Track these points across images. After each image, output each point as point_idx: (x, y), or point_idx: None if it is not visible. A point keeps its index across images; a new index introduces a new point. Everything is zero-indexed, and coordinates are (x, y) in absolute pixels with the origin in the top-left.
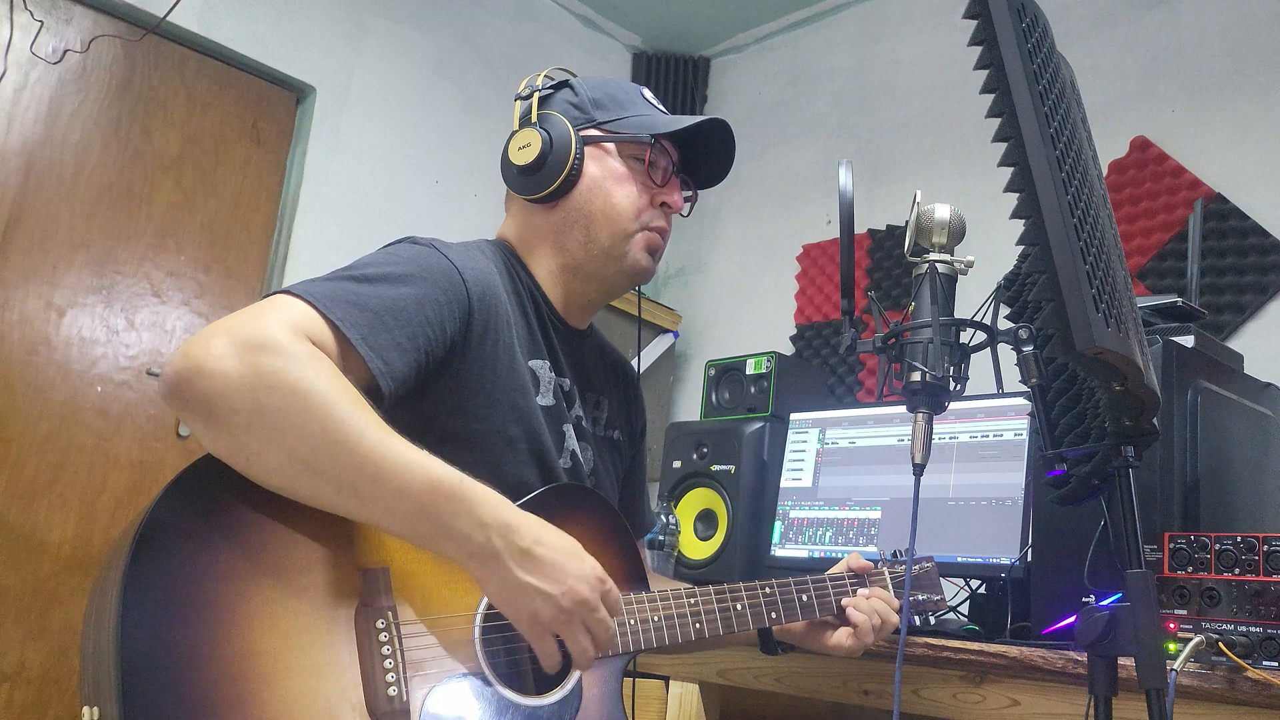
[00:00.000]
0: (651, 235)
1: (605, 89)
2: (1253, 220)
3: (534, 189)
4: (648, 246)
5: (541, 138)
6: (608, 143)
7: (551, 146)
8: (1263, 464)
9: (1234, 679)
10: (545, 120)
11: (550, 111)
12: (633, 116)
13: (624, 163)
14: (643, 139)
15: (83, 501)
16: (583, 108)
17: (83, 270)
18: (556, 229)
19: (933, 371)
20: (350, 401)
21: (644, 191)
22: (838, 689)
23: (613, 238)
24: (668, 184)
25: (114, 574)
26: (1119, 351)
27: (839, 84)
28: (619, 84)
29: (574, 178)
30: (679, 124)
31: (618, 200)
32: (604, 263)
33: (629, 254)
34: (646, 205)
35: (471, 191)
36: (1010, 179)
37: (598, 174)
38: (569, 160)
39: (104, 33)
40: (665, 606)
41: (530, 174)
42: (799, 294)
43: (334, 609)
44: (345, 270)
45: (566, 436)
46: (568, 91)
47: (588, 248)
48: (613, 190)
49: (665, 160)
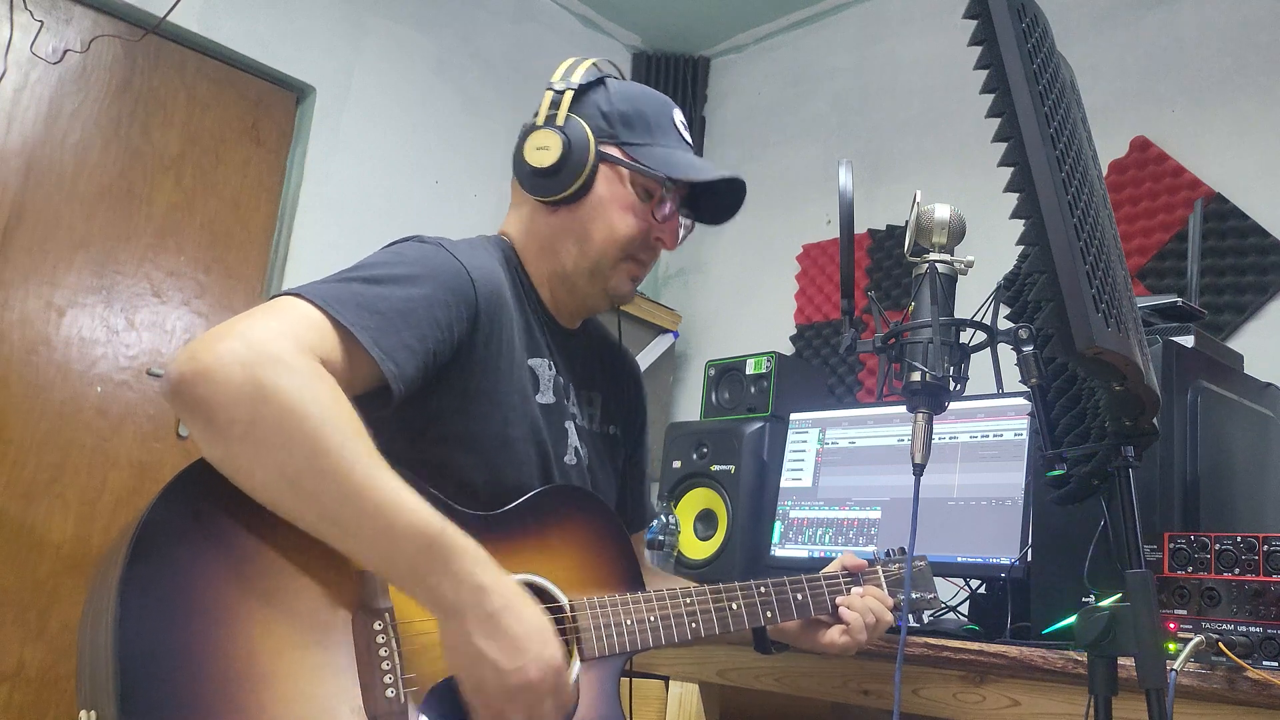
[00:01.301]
0: (634, 265)
1: (638, 105)
2: (1253, 220)
3: (542, 191)
4: (630, 275)
5: (561, 143)
6: (624, 168)
7: (569, 156)
8: (1263, 464)
9: (1234, 679)
10: (570, 125)
11: (577, 116)
12: (657, 147)
13: (633, 191)
14: (658, 178)
15: (82, 501)
16: (610, 120)
17: (83, 270)
18: (553, 233)
19: (933, 371)
20: (347, 429)
21: (643, 223)
22: (838, 689)
23: (600, 260)
24: (667, 221)
25: (111, 576)
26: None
27: (839, 84)
28: (653, 100)
29: (583, 192)
30: (698, 174)
31: (618, 227)
32: (587, 280)
33: (611, 279)
34: (641, 237)
35: (471, 191)
36: (1010, 179)
37: (606, 195)
38: (583, 174)
39: (104, 33)
40: (661, 606)
41: (541, 177)
42: (799, 294)
43: (332, 611)
44: (353, 271)
45: (568, 434)
46: (601, 95)
47: (577, 261)
48: (615, 216)
49: (673, 201)
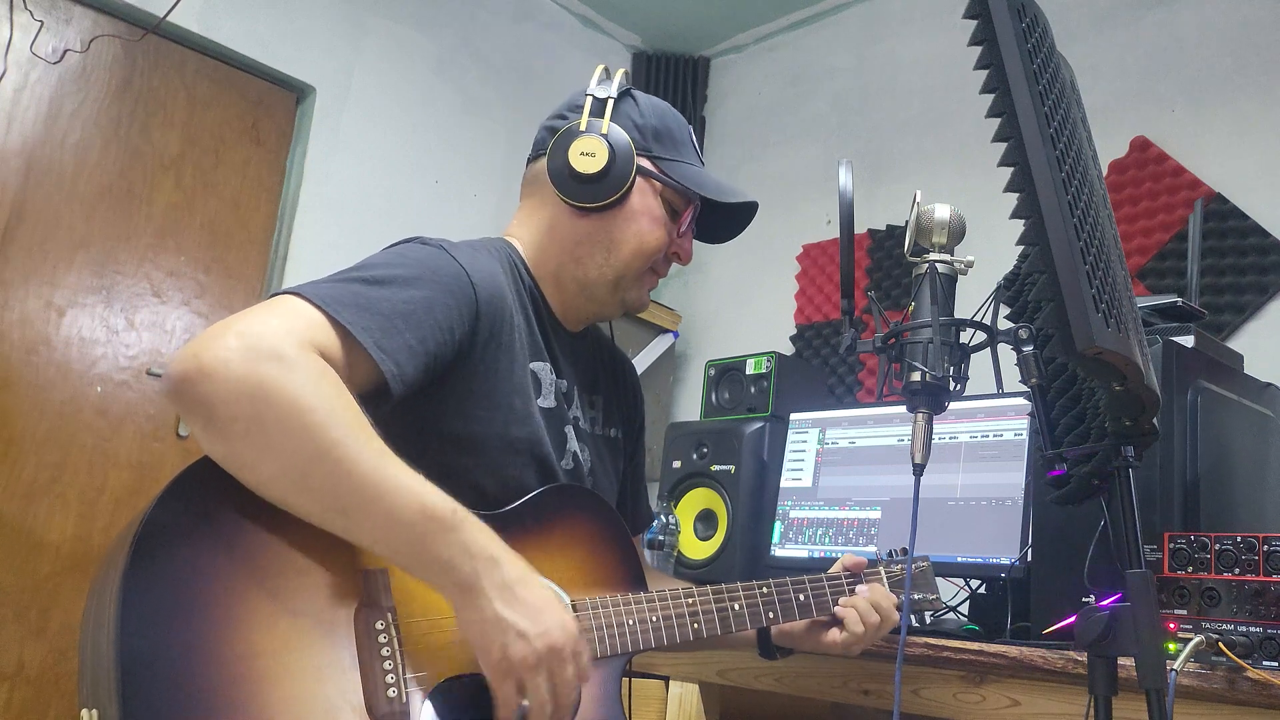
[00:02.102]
0: (653, 277)
1: (664, 121)
2: (1253, 220)
3: (583, 197)
4: (649, 287)
5: (608, 153)
6: (658, 181)
7: (615, 164)
8: (1263, 464)
9: (1234, 679)
10: (613, 134)
11: (618, 126)
12: (684, 164)
13: (663, 204)
14: (691, 195)
15: (82, 501)
16: (644, 133)
17: (83, 270)
18: (581, 239)
19: (933, 371)
20: (350, 420)
21: (667, 236)
22: (838, 689)
23: (626, 269)
24: (684, 234)
25: (113, 576)
26: (1119, 351)
27: (839, 84)
28: (675, 118)
29: (620, 201)
30: (727, 196)
31: (648, 239)
32: (609, 289)
33: (632, 289)
34: (664, 250)
35: (471, 191)
36: (1010, 179)
37: (639, 207)
38: (626, 184)
39: (104, 33)
40: (664, 607)
41: (584, 183)
42: (799, 294)
43: (334, 610)
44: (353, 271)
45: (568, 438)
46: (631, 107)
47: (602, 270)
48: (647, 228)
49: (693, 218)
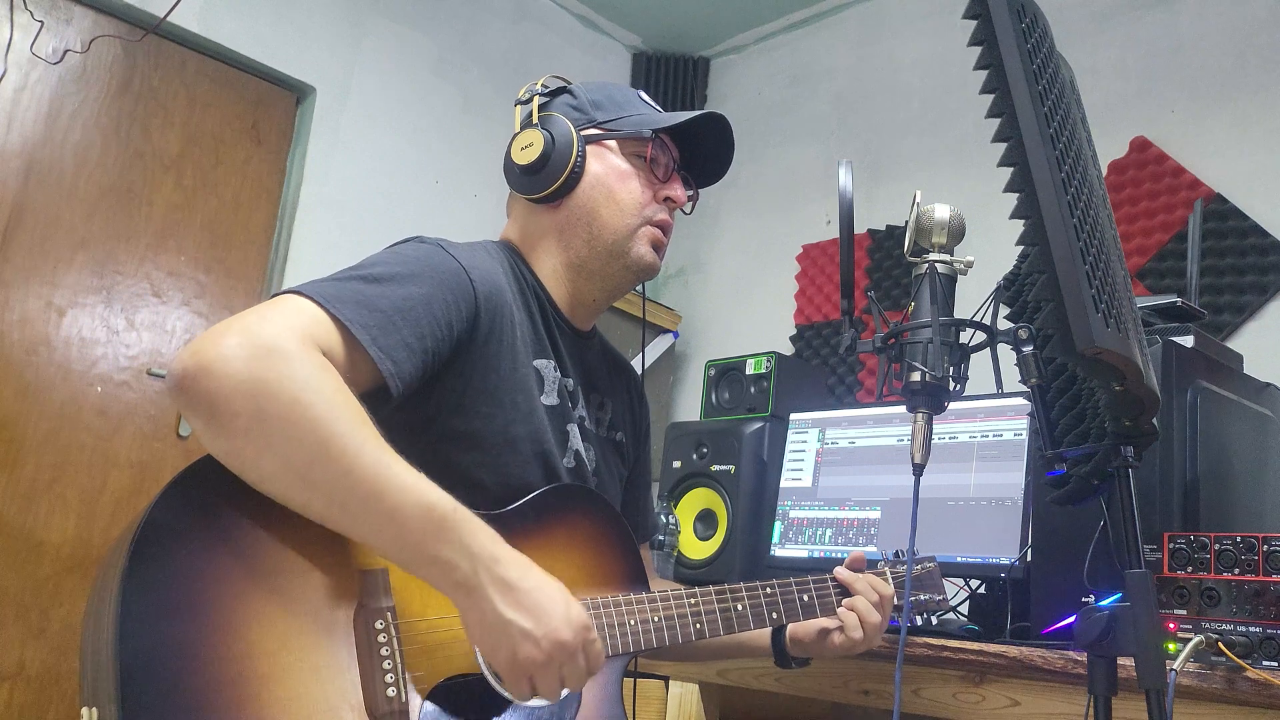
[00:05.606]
0: (654, 230)
1: (604, 91)
2: (1253, 220)
3: (537, 188)
4: (651, 241)
5: (544, 137)
6: (609, 140)
7: (554, 145)
8: (1263, 464)
9: (1234, 679)
10: (546, 121)
11: (551, 113)
12: (632, 115)
13: (626, 160)
14: (644, 135)
15: (83, 501)
16: (582, 109)
17: (83, 270)
18: (560, 228)
19: (932, 371)
20: (352, 417)
21: (647, 187)
22: (838, 689)
23: (616, 233)
24: (669, 179)
25: (113, 575)
26: (1119, 351)
27: (839, 84)
28: (616, 87)
29: (576, 176)
30: (678, 119)
31: (621, 196)
32: (607, 259)
33: (632, 249)
34: (650, 200)
35: (471, 191)
36: (1010, 179)
37: (600, 171)
38: (571, 158)
39: (104, 33)
40: (665, 607)
41: (533, 173)
42: (799, 294)
43: (333, 610)
44: (353, 270)
45: (570, 436)
46: (567, 96)
47: (592, 245)
48: (616, 186)
49: (666, 156)
